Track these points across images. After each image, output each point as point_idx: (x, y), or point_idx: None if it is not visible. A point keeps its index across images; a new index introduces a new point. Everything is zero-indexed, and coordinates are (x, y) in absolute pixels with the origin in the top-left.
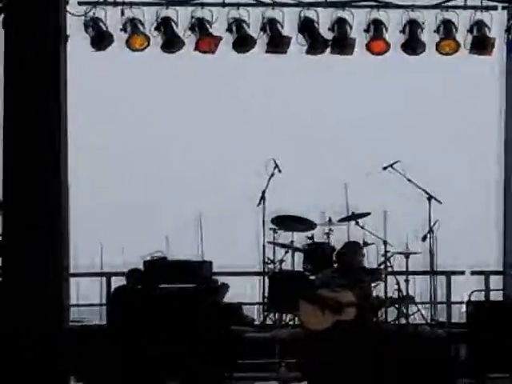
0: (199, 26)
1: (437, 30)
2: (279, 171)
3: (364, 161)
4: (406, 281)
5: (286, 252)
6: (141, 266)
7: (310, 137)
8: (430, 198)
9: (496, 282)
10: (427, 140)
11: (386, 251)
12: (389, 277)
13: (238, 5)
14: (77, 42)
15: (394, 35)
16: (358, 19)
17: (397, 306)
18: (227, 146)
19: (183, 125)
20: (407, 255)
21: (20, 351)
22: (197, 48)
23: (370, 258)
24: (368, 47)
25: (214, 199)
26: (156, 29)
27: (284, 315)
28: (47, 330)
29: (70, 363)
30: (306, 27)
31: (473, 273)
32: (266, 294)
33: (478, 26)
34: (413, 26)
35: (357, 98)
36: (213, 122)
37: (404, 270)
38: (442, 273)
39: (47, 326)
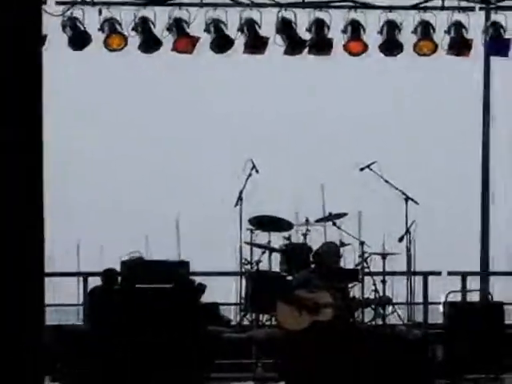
0: (177, 27)
1: (414, 31)
2: (257, 172)
3: (342, 161)
4: (383, 281)
5: (263, 252)
6: (118, 267)
7: (288, 137)
8: (407, 198)
9: (473, 282)
10: (405, 140)
11: (363, 252)
12: (366, 277)
13: (216, 5)
14: (54, 41)
15: (371, 36)
16: (335, 20)
17: (374, 306)
18: (205, 147)
19: (161, 125)
20: (384, 256)
21: None
22: (174, 48)
23: (347, 259)
24: (346, 48)
25: (192, 200)
26: (133, 29)
27: (261, 316)
28: (23, 330)
29: (44, 363)
30: (284, 28)
31: (450, 273)
32: (243, 295)
33: (456, 27)
34: (390, 27)
35: (335, 99)
36: (190, 122)
37: (381, 270)
38: (419, 273)
39: (23, 325)
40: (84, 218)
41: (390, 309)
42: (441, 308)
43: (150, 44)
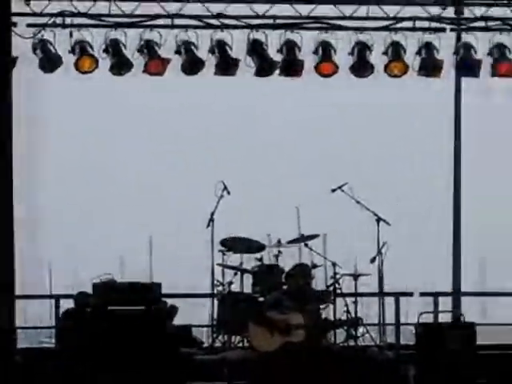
0: (148, 48)
1: (385, 52)
2: (228, 193)
3: (314, 183)
4: (355, 302)
5: (235, 274)
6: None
7: (260, 159)
8: (378, 219)
9: (445, 303)
10: (377, 162)
11: (334, 273)
12: (338, 299)
13: (187, 27)
14: (26, 64)
15: (343, 57)
16: (306, 41)
17: (346, 327)
18: (177, 168)
19: (132, 146)
20: (356, 277)
21: None
22: (146, 70)
23: (319, 280)
24: (316, 69)
25: (163, 221)
26: (104, 51)
27: (233, 337)
28: None
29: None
30: (255, 49)
31: (422, 294)
32: (215, 316)
33: (427, 48)
34: (361, 48)
35: (307, 120)
36: (162, 143)
37: (353, 291)
38: (391, 294)
39: None
40: (57, 241)
41: (361, 330)
42: (413, 329)
43: (121, 66)
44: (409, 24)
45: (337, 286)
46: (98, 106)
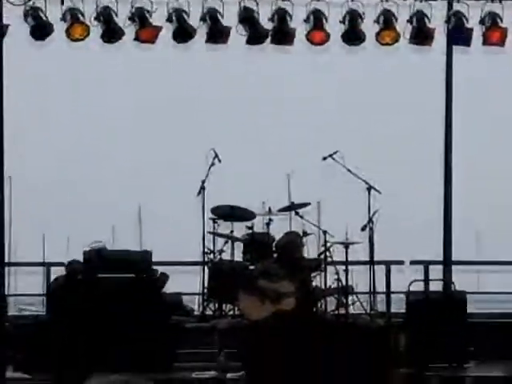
0: (139, 16)
1: (377, 21)
2: (219, 161)
3: (305, 151)
4: (346, 271)
5: (226, 242)
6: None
7: (251, 126)
8: (369, 188)
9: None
10: (367, 131)
11: (325, 241)
12: (328, 267)
13: None
14: (17, 31)
15: (334, 26)
16: (298, 10)
17: (336, 295)
18: (167, 136)
19: (122, 116)
20: (347, 245)
21: None
22: (137, 38)
23: (310, 248)
24: (308, 38)
25: (154, 189)
26: (96, 18)
27: (224, 305)
28: None
29: (6, 352)
30: (246, 18)
31: (412, 262)
32: (206, 285)
33: (418, 17)
34: (353, 17)
35: (299, 88)
36: (152, 112)
37: (343, 260)
38: (382, 263)
39: None
40: (50, 210)
41: (352, 298)
42: (404, 297)
43: (112, 34)
44: None
45: (327, 254)
46: (89, 77)
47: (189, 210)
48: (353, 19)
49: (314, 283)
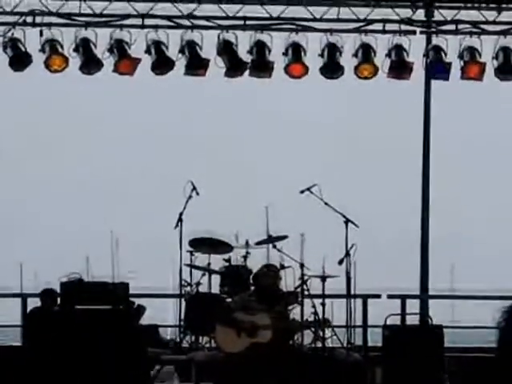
0: (118, 48)
1: (355, 54)
2: (197, 193)
3: (283, 184)
4: (323, 304)
5: (203, 274)
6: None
7: (230, 160)
8: (347, 221)
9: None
10: (346, 163)
11: (302, 274)
12: (305, 300)
13: (157, 27)
14: None
15: (313, 59)
16: (276, 42)
17: (313, 329)
18: (146, 167)
19: (100, 145)
20: (324, 278)
21: None
22: (116, 69)
23: (287, 281)
24: (287, 70)
25: (132, 221)
26: (75, 50)
27: (200, 338)
28: None
29: None
30: (225, 50)
31: (389, 296)
32: (183, 317)
33: (397, 50)
34: (331, 50)
35: (276, 122)
36: (130, 142)
37: (320, 293)
38: (359, 296)
39: None
40: (24, 240)
41: (329, 331)
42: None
43: (91, 65)
44: (379, 26)
45: (304, 287)
46: (70, 104)
47: (166, 242)
48: (331, 52)
49: (290, 316)
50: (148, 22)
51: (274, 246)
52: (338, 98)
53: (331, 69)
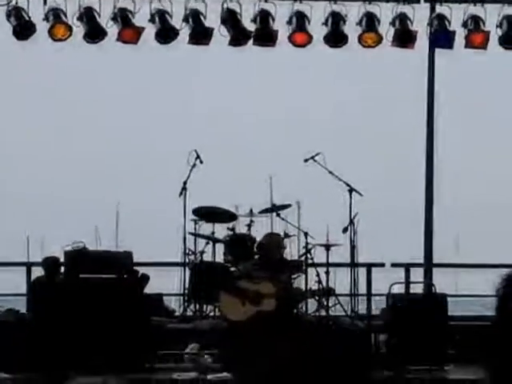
0: (122, 17)
1: (359, 23)
2: (201, 162)
3: (287, 152)
4: (327, 273)
5: (207, 243)
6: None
7: (234, 129)
8: (351, 190)
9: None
10: (349, 131)
11: (306, 243)
12: (309, 269)
13: None
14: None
15: (316, 27)
16: (280, 11)
17: (317, 297)
18: (150, 136)
19: (105, 115)
20: (328, 247)
21: None
22: (119, 38)
23: (291, 250)
24: (290, 39)
25: (136, 190)
26: (79, 19)
27: (204, 306)
28: None
29: None
30: (229, 19)
31: (393, 265)
32: (187, 286)
33: (401, 19)
34: (335, 19)
35: (281, 90)
36: (136, 112)
37: (324, 261)
38: (363, 265)
39: None
40: (30, 210)
41: (333, 300)
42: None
43: (94, 34)
44: None
45: (308, 256)
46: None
47: (170, 210)
48: (335, 21)
49: (294, 285)
50: None
51: (278, 215)
52: (341, 67)
53: (335, 38)
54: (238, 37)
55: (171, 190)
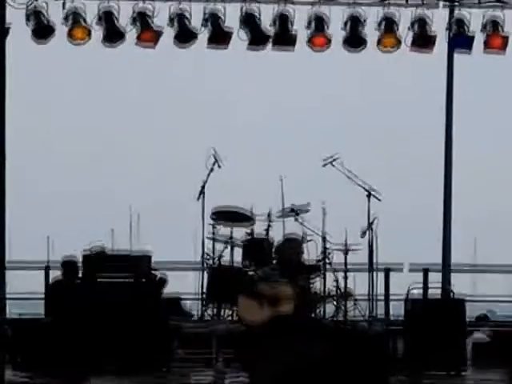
0: (141, 20)
1: (378, 27)
2: (219, 166)
3: (306, 155)
4: (345, 276)
5: (226, 247)
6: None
7: (252, 131)
8: (369, 194)
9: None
10: (368, 135)
11: (325, 247)
12: (327, 272)
13: None
14: (19, 33)
15: (335, 31)
16: (299, 15)
17: (335, 301)
18: (169, 140)
19: (125, 117)
20: (346, 251)
21: None
22: (138, 41)
23: (309, 254)
24: (309, 42)
25: (155, 193)
26: (97, 22)
27: (222, 310)
28: None
29: (5, 353)
30: (248, 22)
31: (411, 269)
32: (205, 289)
33: (420, 23)
34: (354, 23)
35: (299, 92)
36: (154, 115)
37: (343, 265)
38: (381, 269)
39: None
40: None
41: (351, 304)
42: (402, 303)
43: (113, 37)
44: None
45: (327, 259)
46: (90, 75)
47: (189, 213)
48: (354, 25)
49: (312, 288)
50: None
51: (297, 219)
52: (359, 70)
53: (354, 41)
54: (257, 40)
55: (189, 191)
